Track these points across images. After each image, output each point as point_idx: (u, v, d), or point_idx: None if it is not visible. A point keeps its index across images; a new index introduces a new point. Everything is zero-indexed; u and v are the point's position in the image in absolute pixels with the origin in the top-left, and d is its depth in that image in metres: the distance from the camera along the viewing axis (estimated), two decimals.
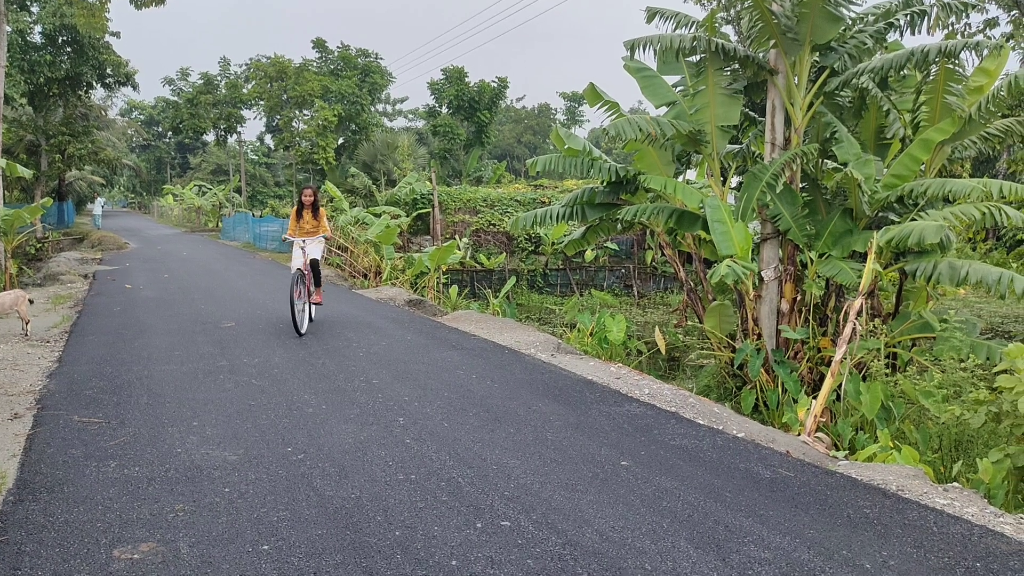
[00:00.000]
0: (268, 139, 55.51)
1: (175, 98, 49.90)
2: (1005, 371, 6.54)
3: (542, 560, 3.77)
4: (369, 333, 10.33)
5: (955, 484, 5.76)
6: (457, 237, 24.31)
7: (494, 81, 45.62)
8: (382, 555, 3.78)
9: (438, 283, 18.42)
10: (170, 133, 59.91)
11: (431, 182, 25.32)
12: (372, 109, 48.30)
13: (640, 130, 10.17)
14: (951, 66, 9.56)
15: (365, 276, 18.84)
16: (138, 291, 15.20)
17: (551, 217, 12.30)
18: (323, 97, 42.50)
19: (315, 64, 45.66)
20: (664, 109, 11.63)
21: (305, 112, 43.78)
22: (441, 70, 58.68)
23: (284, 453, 5.29)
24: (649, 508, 4.49)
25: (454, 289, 17.37)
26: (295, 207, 10.57)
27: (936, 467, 6.92)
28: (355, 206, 27.25)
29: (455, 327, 11.31)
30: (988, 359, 8.58)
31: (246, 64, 45.76)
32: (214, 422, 6.05)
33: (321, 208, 10.59)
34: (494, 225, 25.87)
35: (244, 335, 10.03)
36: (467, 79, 45.12)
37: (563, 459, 5.35)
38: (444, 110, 46.00)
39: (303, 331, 9.83)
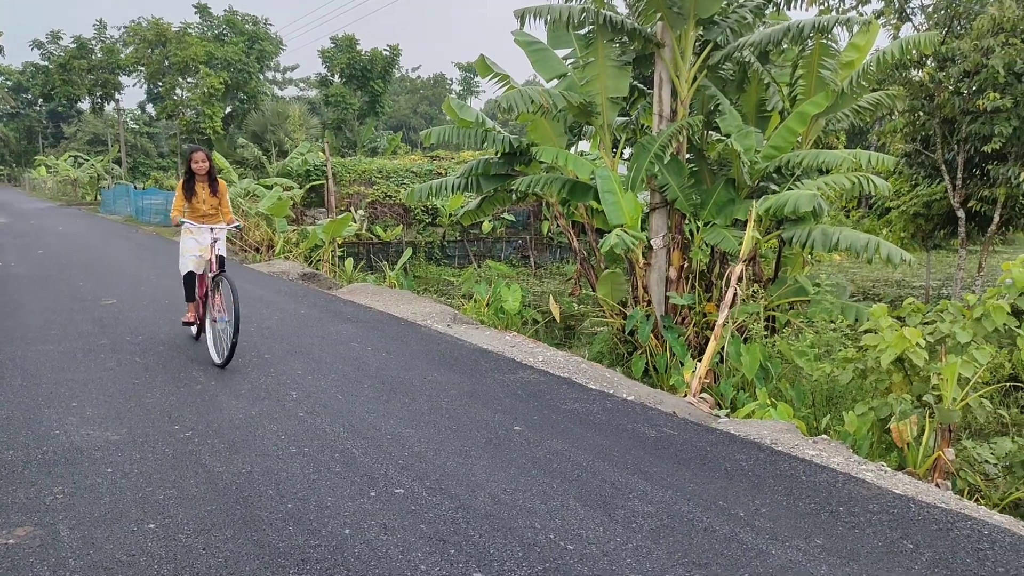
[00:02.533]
0: (150, 107, 52.77)
1: (45, 63, 46.75)
2: (870, 331, 7.02)
3: (435, 524, 3.85)
4: (261, 307, 10.11)
5: (824, 436, 6.17)
6: (352, 209, 23.92)
7: (386, 50, 44.79)
8: (273, 527, 3.77)
9: (333, 256, 18.12)
10: (41, 100, 56.14)
11: (324, 153, 24.76)
12: (261, 77, 46.60)
13: (532, 101, 10.25)
14: (825, 41, 10.03)
15: (257, 250, 18.34)
16: (9, 268, 14.32)
17: (446, 188, 12.29)
18: (208, 64, 40.72)
19: (197, 28, 43.61)
20: (555, 82, 11.74)
21: (189, 79, 41.86)
22: (330, 38, 57.18)
23: (171, 431, 5.16)
24: (540, 470, 4.63)
25: (349, 262, 17.14)
26: (182, 179, 7.48)
27: (809, 422, 7.38)
28: (245, 178, 26.39)
29: (350, 300, 11.20)
30: (856, 320, 9.15)
31: (124, 28, 43.29)
32: (95, 402, 5.82)
33: (221, 181, 7.59)
34: (390, 197, 25.58)
35: (127, 312, 9.63)
36: (358, 47, 44.10)
37: (457, 426, 5.43)
38: (336, 79, 44.88)
39: (223, 360, 6.81)
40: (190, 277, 7.47)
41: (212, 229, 7.28)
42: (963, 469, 6.69)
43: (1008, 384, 11.99)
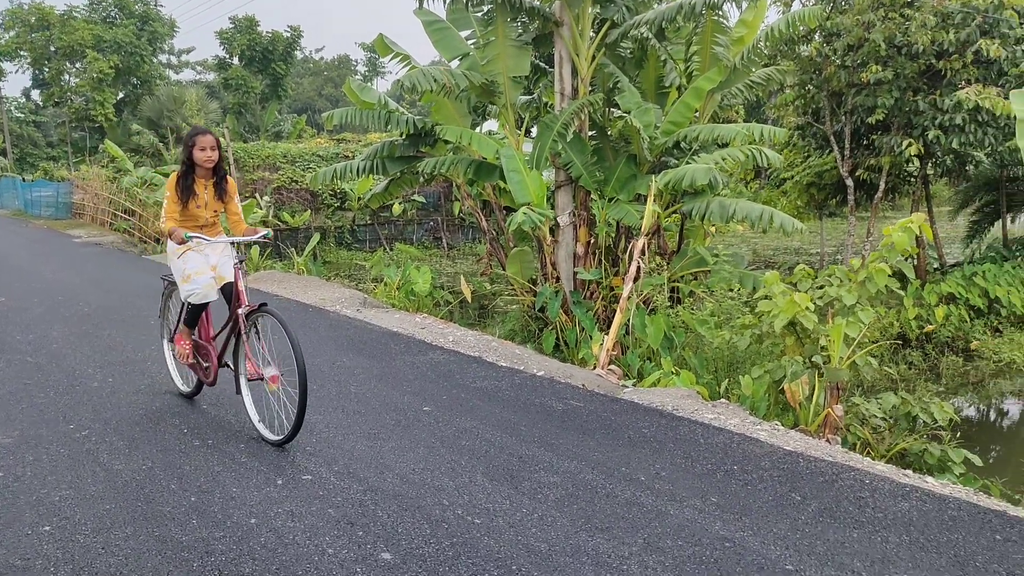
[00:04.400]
0: (36, 94, 50.00)
1: None
2: (765, 297, 7.33)
3: (343, 508, 3.86)
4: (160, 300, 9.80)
5: (723, 400, 6.44)
6: (257, 196, 23.33)
7: (287, 31, 43.62)
8: (176, 522, 3.71)
9: None
10: None
11: (225, 138, 24.03)
12: (154, 60, 44.74)
13: (435, 81, 10.20)
14: (716, 18, 10.31)
15: (157, 241, 17.70)
16: None
17: (352, 171, 12.12)
18: (96, 47, 38.80)
19: (84, 11, 41.47)
20: (458, 62, 11.70)
21: (77, 64, 39.83)
22: (229, 19, 55.26)
23: (66, 431, 4.99)
24: (448, 448, 4.69)
25: (255, 249, 16.73)
26: (179, 172, 5.09)
27: (712, 387, 7.66)
28: (141, 166, 25.36)
29: (257, 288, 10.98)
30: (753, 288, 9.52)
31: (2, 12, 40.79)
32: None
33: (231, 180, 5.27)
34: (296, 182, 25.03)
35: (17, 310, 9.19)
36: (259, 28, 42.80)
37: (366, 410, 5.43)
38: (236, 62, 43.47)
39: (284, 436, 4.64)
40: (202, 308, 5.21)
41: (234, 245, 5.14)
42: (853, 425, 7.09)
43: (897, 342, 12.71)
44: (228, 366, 5.12)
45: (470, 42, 11.75)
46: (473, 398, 5.74)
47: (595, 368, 8.04)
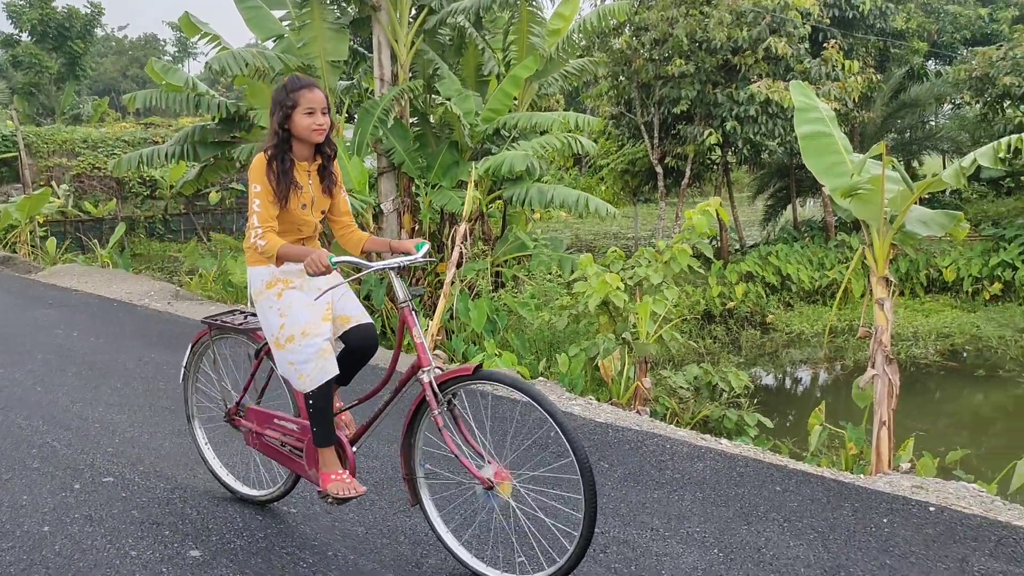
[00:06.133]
0: None
1: None
2: (580, 279, 7.66)
3: (148, 509, 3.68)
4: None
5: (542, 378, 6.68)
6: (54, 184, 21.48)
7: (86, 7, 40.27)
8: None
9: (33, 236, 16.19)
10: None
11: (13, 121, 21.91)
12: None
13: (247, 64, 9.81)
14: (532, 8, 10.59)
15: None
16: None
17: (160, 157, 11.43)
18: None
19: None
20: (272, 43, 11.31)
21: None
22: None
23: None
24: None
25: (52, 242, 15.42)
26: (269, 151, 3.15)
27: (533, 367, 7.92)
28: None
29: (54, 283, 10.16)
30: (572, 270, 9.91)
31: None
32: None
33: (338, 167, 3.44)
34: (99, 169, 23.25)
35: None
36: (52, 3, 39.21)
37: (176, 407, 5.17)
38: (26, 38, 39.61)
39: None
40: (326, 391, 3.19)
41: (398, 271, 3.20)
42: (661, 396, 7.58)
43: (703, 319, 13.67)
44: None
45: (285, 23, 11.38)
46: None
47: None
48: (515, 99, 10.98)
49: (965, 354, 12.19)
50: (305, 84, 3.12)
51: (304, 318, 3.17)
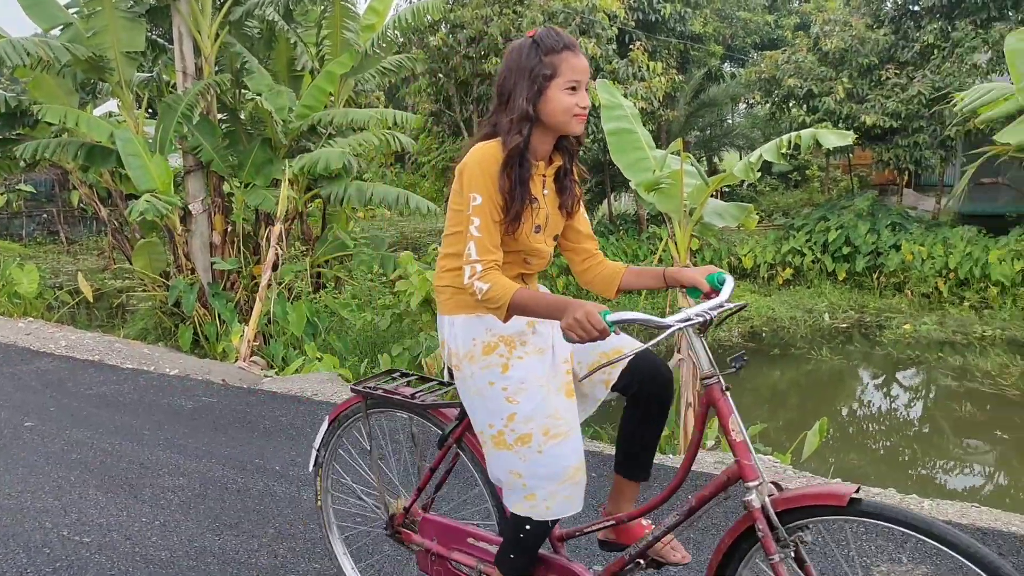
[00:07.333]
0: None
1: None
2: (403, 277, 7.60)
3: None
4: None
5: (364, 378, 6.55)
6: None
7: None
8: None
9: None
10: None
11: None
12: None
13: (28, 54, 8.93)
14: (345, 3, 10.35)
15: None
16: None
17: None
18: None
19: None
20: (58, 32, 10.37)
21: None
22: None
23: None
24: (55, 464, 4.20)
25: None
26: (510, 147, 2.05)
27: (356, 369, 7.77)
28: None
29: None
30: (394, 268, 9.82)
31: None
32: None
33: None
34: None
35: None
36: None
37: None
38: None
39: None
40: (543, 530, 2.17)
41: (706, 328, 2.02)
42: None
43: None
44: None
45: (72, 11, 10.48)
46: (88, 406, 5.20)
47: (236, 361, 7.74)
48: (331, 95, 10.71)
49: (763, 335, 13.22)
50: (567, 44, 2.09)
51: (549, 407, 2.08)
